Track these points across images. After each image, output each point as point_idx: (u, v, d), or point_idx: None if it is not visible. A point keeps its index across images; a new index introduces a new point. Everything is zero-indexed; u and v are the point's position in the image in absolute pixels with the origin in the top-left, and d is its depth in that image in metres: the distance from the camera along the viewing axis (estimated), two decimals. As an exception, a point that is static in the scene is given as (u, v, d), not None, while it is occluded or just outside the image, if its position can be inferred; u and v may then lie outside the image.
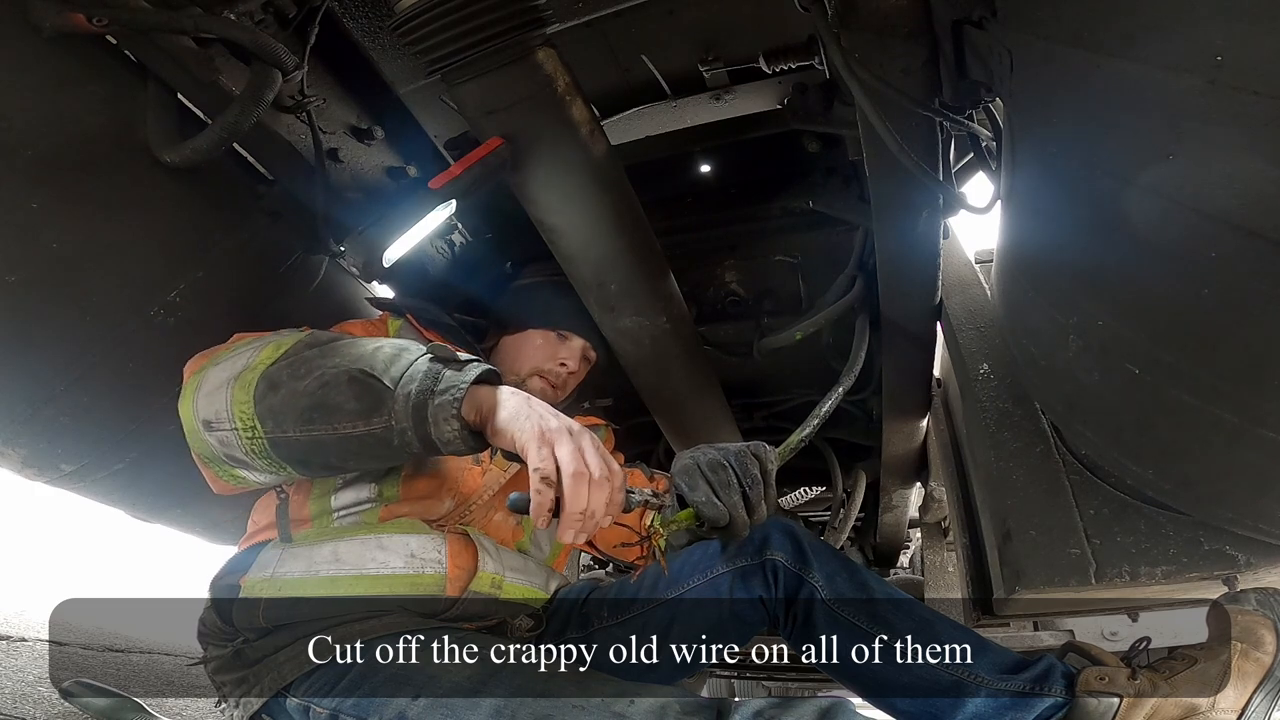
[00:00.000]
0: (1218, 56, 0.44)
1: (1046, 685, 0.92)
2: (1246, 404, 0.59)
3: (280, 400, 0.82)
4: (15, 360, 1.02)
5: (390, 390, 0.79)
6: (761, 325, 1.66)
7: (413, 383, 0.79)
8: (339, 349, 0.85)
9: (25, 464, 1.13)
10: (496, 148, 1.02)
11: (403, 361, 0.82)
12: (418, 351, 0.83)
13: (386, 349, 0.84)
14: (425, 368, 0.81)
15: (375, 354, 0.83)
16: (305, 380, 0.82)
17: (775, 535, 1.09)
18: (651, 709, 0.74)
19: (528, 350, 1.33)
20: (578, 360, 1.36)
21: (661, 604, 1.09)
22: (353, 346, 0.85)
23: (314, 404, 0.81)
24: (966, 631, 1.00)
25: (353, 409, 0.79)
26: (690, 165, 1.68)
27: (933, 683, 0.96)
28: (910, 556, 3.36)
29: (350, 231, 1.35)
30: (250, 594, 0.94)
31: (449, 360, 0.82)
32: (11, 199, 0.93)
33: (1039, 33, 0.65)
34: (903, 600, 1.05)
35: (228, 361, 0.89)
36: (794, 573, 1.06)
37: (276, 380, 0.83)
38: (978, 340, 1.31)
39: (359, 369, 0.81)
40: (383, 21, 1.24)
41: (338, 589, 0.93)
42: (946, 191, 0.99)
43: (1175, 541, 0.93)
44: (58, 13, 0.91)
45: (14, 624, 1.78)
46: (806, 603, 1.05)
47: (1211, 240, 0.51)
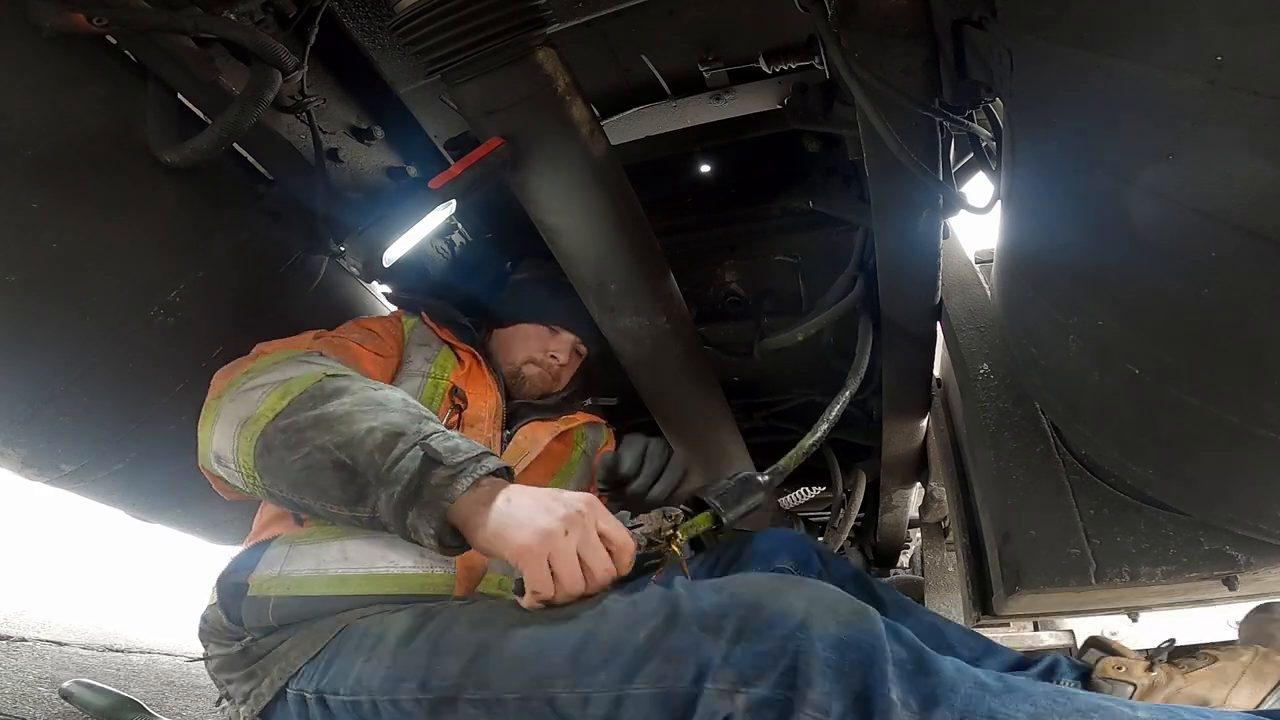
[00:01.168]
0: (1218, 56, 0.44)
1: (1055, 677, 0.93)
2: (1246, 404, 0.59)
3: (274, 463, 0.83)
4: (15, 360, 1.02)
5: (374, 486, 0.77)
6: (762, 325, 1.66)
7: (398, 484, 0.76)
8: (332, 419, 0.82)
9: (25, 464, 1.13)
10: (496, 148, 1.02)
11: (394, 453, 0.78)
12: (411, 439, 0.79)
13: (379, 431, 0.80)
14: (413, 468, 0.77)
15: (367, 437, 0.79)
16: (294, 454, 0.81)
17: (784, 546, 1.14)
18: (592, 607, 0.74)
19: (519, 341, 1.37)
20: (568, 353, 1.39)
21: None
22: (347, 421, 0.81)
23: (302, 480, 0.81)
24: (975, 635, 1.02)
25: (337, 496, 0.80)
26: (690, 165, 1.68)
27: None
28: (910, 556, 3.36)
29: (350, 231, 1.35)
30: (258, 592, 0.94)
31: (438, 460, 0.77)
32: (11, 199, 0.93)
33: (1039, 33, 0.65)
34: (910, 605, 1.07)
35: (243, 398, 0.88)
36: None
37: (271, 444, 0.83)
38: (978, 340, 1.31)
39: (345, 457, 0.79)
40: (383, 21, 1.24)
41: (348, 588, 0.93)
42: (946, 191, 0.99)
43: (1175, 541, 0.93)
44: (58, 13, 0.91)
45: (14, 624, 1.78)
46: None
47: (1211, 240, 0.51)
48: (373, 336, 1.20)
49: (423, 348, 1.25)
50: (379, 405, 0.84)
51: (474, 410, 1.20)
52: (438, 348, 1.26)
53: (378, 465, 0.78)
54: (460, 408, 1.17)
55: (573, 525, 0.75)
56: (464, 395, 1.20)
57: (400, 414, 0.83)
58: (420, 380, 1.18)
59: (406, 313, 1.34)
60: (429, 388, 1.18)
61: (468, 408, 1.19)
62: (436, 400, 1.17)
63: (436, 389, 1.18)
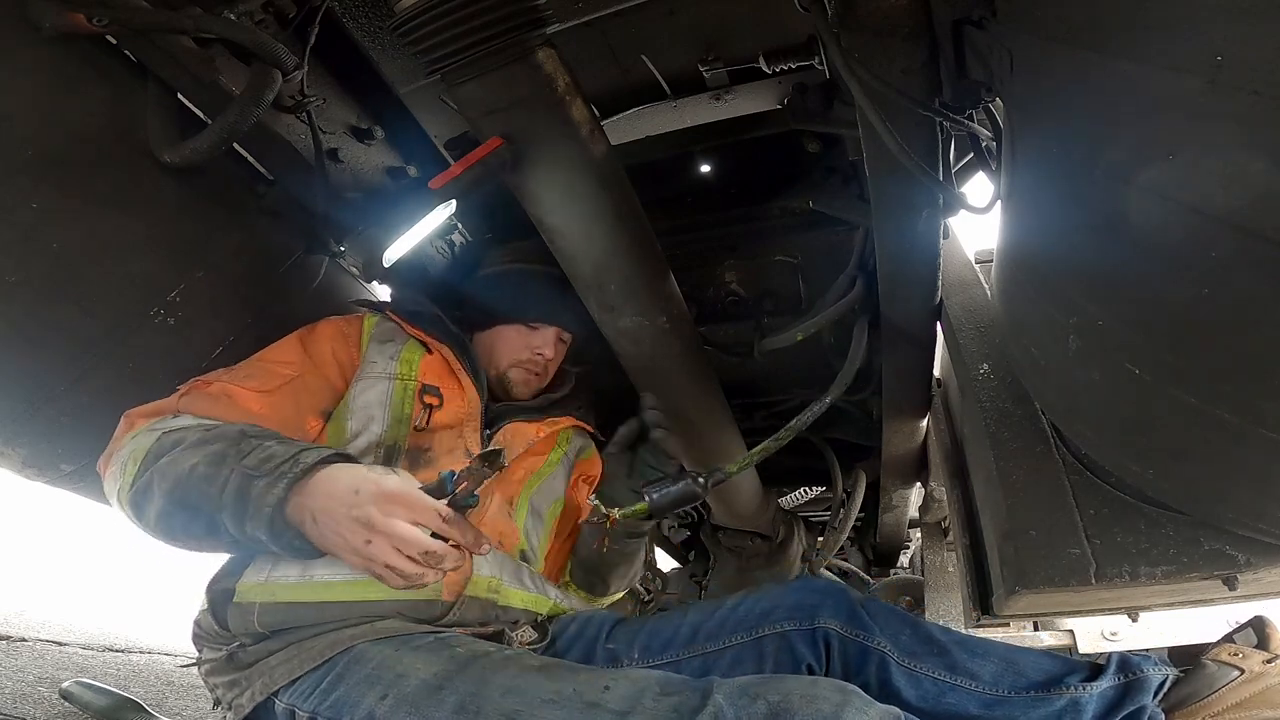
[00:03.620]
0: (1218, 56, 0.44)
1: (1135, 668, 0.94)
2: (1247, 404, 0.59)
3: (151, 521, 0.89)
4: (15, 360, 1.02)
5: (216, 514, 0.84)
6: (761, 325, 1.66)
7: (228, 505, 0.83)
8: (165, 469, 0.88)
9: (25, 464, 1.13)
10: (496, 148, 1.02)
11: (219, 480, 0.84)
12: (231, 461, 0.85)
13: (201, 465, 0.86)
14: (235, 485, 0.83)
15: (191, 474, 0.86)
16: (152, 507, 0.88)
17: (829, 602, 1.04)
18: (627, 694, 0.73)
19: (500, 345, 1.33)
20: (552, 347, 1.36)
21: (699, 655, 1.04)
22: (175, 463, 0.88)
23: (170, 528, 0.89)
24: (1044, 655, 1.01)
25: (198, 532, 0.88)
26: (690, 165, 1.68)
27: (1047, 710, 0.96)
28: (910, 556, 3.36)
29: (350, 231, 1.35)
30: (243, 599, 0.94)
31: (253, 473, 0.84)
32: (12, 199, 0.93)
33: (1039, 33, 0.65)
34: (973, 642, 1.02)
35: (111, 475, 0.96)
36: (853, 640, 1.01)
37: (136, 504, 0.90)
38: (978, 340, 1.30)
39: (179, 499, 0.86)
40: (383, 21, 1.24)
41: (333, 594, 0.93)
42: (946, 191, 0.99)
43: (1175, 541, 0.93)
44: (58, 13, 0.91)
45: (14, 624, 1.78)
46: (880, 670, 1.00)
47: (1211, 240, 0.51)
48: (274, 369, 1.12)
49: (386, 344, 1.21)
50: (205, 443, 0.89)
51: (450, 409, 1.16)
52: (402, 342, 1.22)
53: (208, 495, 0.84)
54: (432, 406, 1.14)
55: (370, 530, 0.79)
56: (437, 391, 1.17)
57: (223, 443, 0.88)
58: (387, 384, 1.15)
59: (370, 310, 1.29)
60: (397, 391, 1.15)
61: (441, 406, 1.16)
62: (407, 403, 1.14)
63: (405, 391, 1.15)
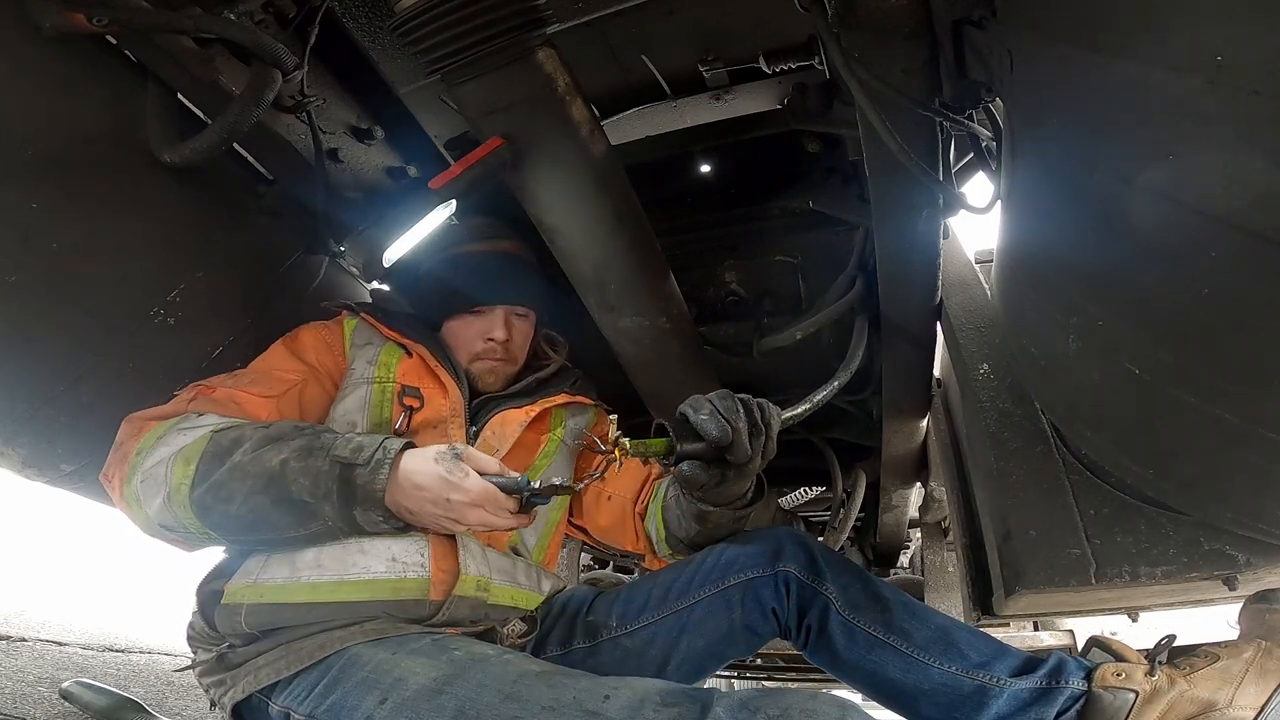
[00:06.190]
0: (1218, 56, 0.44)
1: (1062, 678, 0.93)
2: (1246, 404, 0.59)
3: (219, 519, 0.92)
4: (15, 360, 1.02)
5: (315, 503, 0.90)
6: (761, 325, 1.66)
7: (332, 494, 0.90)
8: (245, 467, 0.91)
9: (25, 464, 1.13)
10: (496, 148, 1.02)
11: (313, 472, 0.90)
12: (320, 454, 0.91)
13: (291, 460, 0.90)
14: (335, 474, 0.90)
15: (284, 469, 0.90)
16: (231, 505, 0.91)
17: (788, 546, 1.09)
18: (627, 704, 0.72)
19: (454, 343, 1.28)
20: (503, 328, 1.26)
21: (672, 614, 1.08)
22: (257, 462, 0.91)
23: (251, 524, 0.92)
24: (983, 637, 1.01)
25: (290, 523, 0.92)
26: (690, 165, 1.68)
27: (955, 689, 0.96)
28: (910, 556, 3.36)
29: (350, 231, 1.35)
30: (231, 600, 0.94)
31: (351, 463, 0.91)
32: (12, 199, 0.93)
33: (1039, 33, 0.65)
34: (917, 607, 1.05)
35: (150, 476, 0.94)
36: (807, 584, 1.05)
37: (206, 506, 0.91)
38: (978, 340, 1.31)
39: (278, 493, 0.90)
40: (383, 21, 1.24)
41: (319, 595, 0.92)
42: (946, 191, 0.99)
43: (1175, 541, 0.93)
44: (58, 13, 0.91)
45: (14, 624, 1.78)
46: (821, 614, 1.04)
47: (1211, 240, 0.51)
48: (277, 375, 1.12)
49: (365, 348, 1.19)
50: (276, 439, 0.94)
51: (432, 409, 1.14)
52: (380, 345, 1.20)
53: (308, 487, 0.89)
54: (413, 408, 1.13)
55: (456, 524, 0.93)
56: (417, 392, 1.15)
57: (299, 437, 0.94)
58: (366, 389, 1.14)
59: (349, 314, 1.26)
60: (376, 395, 1.13)
61: (422, 407, 1.14)
62: (386, 406, 1.12)
63: (384, 394, 1.13)
